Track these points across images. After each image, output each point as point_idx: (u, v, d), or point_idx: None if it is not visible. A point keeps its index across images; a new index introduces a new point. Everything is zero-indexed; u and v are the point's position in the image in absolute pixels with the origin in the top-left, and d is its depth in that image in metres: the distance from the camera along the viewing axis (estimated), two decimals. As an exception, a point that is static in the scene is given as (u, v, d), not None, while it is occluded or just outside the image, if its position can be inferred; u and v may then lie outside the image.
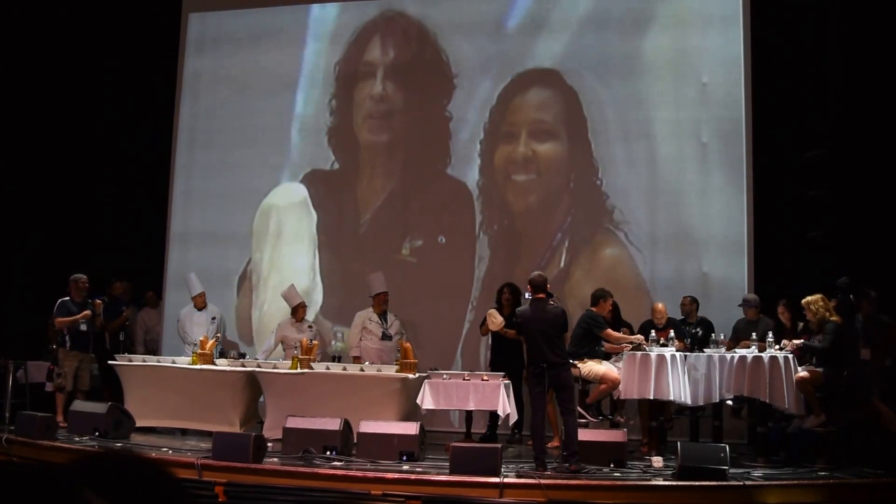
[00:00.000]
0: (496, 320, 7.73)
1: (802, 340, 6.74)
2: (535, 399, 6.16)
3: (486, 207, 9.22)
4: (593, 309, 7.20)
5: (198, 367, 7.71)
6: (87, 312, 8.00)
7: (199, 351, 7.84)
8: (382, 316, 8.39)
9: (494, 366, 7.69)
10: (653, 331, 7.23)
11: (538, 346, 6.09)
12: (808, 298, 6.72)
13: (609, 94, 9.00)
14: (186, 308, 8.97)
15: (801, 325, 7.13)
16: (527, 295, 6.43)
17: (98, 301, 8.15)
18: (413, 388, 7.14)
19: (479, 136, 9.33)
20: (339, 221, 9.65)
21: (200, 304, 8.87)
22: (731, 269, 8.44)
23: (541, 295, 6.25)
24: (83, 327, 8.03)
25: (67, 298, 8.04)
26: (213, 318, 8.88)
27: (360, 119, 9.71)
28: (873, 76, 7.84)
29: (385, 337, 8.30)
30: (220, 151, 10.00)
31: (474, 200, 9.25)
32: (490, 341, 8.16)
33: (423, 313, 9.02)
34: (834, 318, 6.58)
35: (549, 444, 6.70)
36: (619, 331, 7.34)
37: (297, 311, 8.59)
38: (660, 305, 7.69)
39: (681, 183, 8.71)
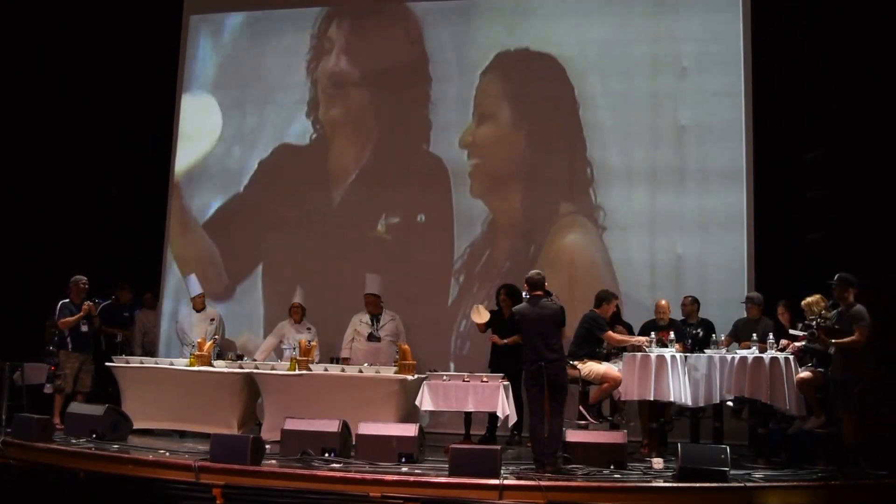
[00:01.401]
0: (482, 315, 7.69)
1: (804, 343, 6.71)
2: (533, 400, 6.13)
3: (459, 187, 9.20)
4: (596, 310, 7.19)
5: (196, 368, 7.69)
6: (89, 304, 7.96)
7: (197, 353, 7.82)
8: (374, 318, 8.39)
9: (493, 367, 7.66)
10: (652, 333, 7.21)
11: (535, 344, 6.10)
12: (808, 300, 6.70)
13: (603, 89, 9.01)
14: (185, 309, 8.96)
15: (800, 325, 7.10)
16: (524, 293, 6.44)
17: (90, 303, 8.08)
18: (412, 390, 7.13)
19: (455, 111, 9.33)
20: (311, 197, 9.61)
21: (199, 305, 8.85)
22: (732, 270, 8.41)
23: (538, 292, 6.28)
24: (84, 328, 8.01)
25: (68, 300, 8.02)
26: (212, 320, 8.86)
27: (320, 93, 9.79)
28: (874, 76, 7.82)
29: (372, 338, 8.29)
30: (220, 151, 9.96)
31: (450, 178, 9.22)
32: (491, 343, 8.11)
33: (403, 293, 8.90)
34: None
35: None
36: (616, 331, 7.33)
37: (294, 312, 8.58)
38: (663, 301, 7.69)
39: (681, 183, 8.68)
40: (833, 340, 6.06)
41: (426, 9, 9.58)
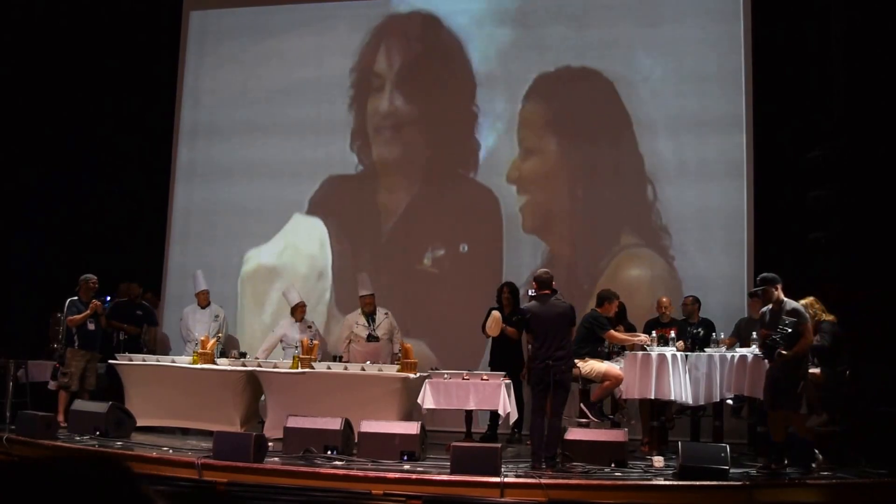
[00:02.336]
0: (496, 325, 7.68)
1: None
2: (537, 398, 6.17)
3: (510, 216, 9.00)
4: (598, 310, 7.21)
5: (199, 366, 7.71)
6: (96, 303, 7.98)
7: (200, 350, 7.84)
8: (370, 317, 8.36)
9: (494, 365, 7.69)
10: (653, 332, 7.24)
11: (545, 342, 6.12)
12: (803, 301, 6.71)
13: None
14: (190, 306, 8.98)
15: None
16: (530, 291, 6.46)
17: (97, 302, 8.10)
18: (414, 388, 7.15)
19: (502, 139, 9.12)
20: (360, 230, 9.49)
21: (203, 301, 8.88)
22: (732, 270, 8.42)
23: (546, 291, 6.29)
24: (91, 326, 8.03)
25: (76, 298, 8.04)
26: (216, 317, 8.88)
27: (372, 132, 9.58)
28: (877, 75, 7.81)
29: (371, 338, 8.29)
30: (223, 150, 9.99)
31: (501, 208, 9.01)
32: (490, 340, 8.14)
33: (446, 326, 8.78)
34: (829, 318, 6.59)
35: None
36: (617, 331, 7.35)
37: (297, 311, 8.59)
38: (664, 299, 7.74)
39: (681, 182, 8.69)
40: (789, 353, 5.83)
41: (469, 31, 9.37)
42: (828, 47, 8.23)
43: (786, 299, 5.98)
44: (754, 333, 6.92)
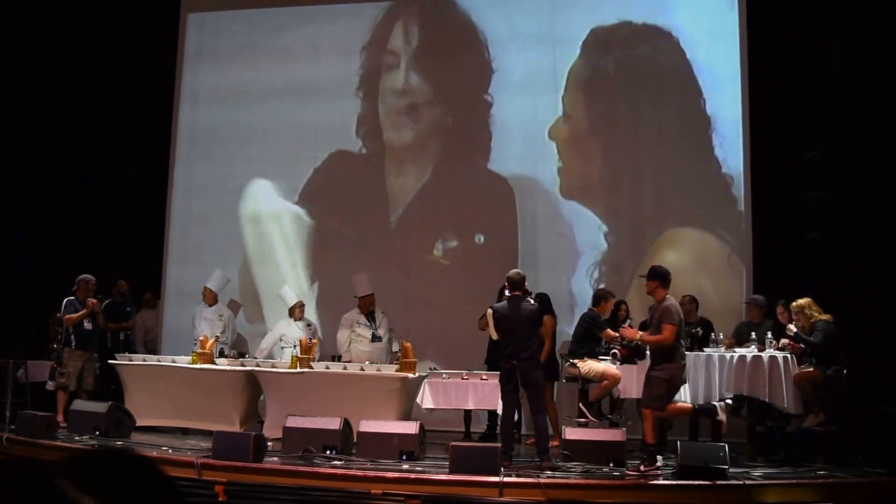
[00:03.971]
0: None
1: (795, 331, 6.73)
2: (506, 397, 6.26)
3: (528, 203, 8.77)
4: (595, 309, 7.22)
5: (198, 366, 7.72)
6: (93, 302, 7.98)
7: (199, 350, 7.85)
8: (370, 317, 8.31)
9: (491, 364, 7.68)
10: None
11: (510, 344, 6.19)
12: (800, 302, 6.74)
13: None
14: (200, 305, 9.00)
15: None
16: (506, 292, 6.49)
17: (94, 300, 8.10)
18: (413, 388, 7.16)
19: (520, 123, 8.92)
20: (367, 217, 9.31)
21: (208, 299, 8.89)
22: (730, 270, 8.42)
23: (517, 293, 6.32)
24: (88, 326, 8.04)
25: (73, 297, 8.04)
26: (221, 316, 8.90)
27: (384, 113, 9.37)
28: (874, 76, 7.82)
29: (375, 338, 8.26)
30: (222, 149, 9.98)
31: (515, 197, 8.80)
32: (488, 339, 8.13)
33: (455, 320, 8.57)
34: (825, 318, 6.60)
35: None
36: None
37: (294, 311, 8.60)
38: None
39: (679, 181, 8.70)
40: (640, 335, 6.14)
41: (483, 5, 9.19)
42: (826, 48, 8.23)
43: (668, 297, 5.99)
44: (753, 334, 6.95)
